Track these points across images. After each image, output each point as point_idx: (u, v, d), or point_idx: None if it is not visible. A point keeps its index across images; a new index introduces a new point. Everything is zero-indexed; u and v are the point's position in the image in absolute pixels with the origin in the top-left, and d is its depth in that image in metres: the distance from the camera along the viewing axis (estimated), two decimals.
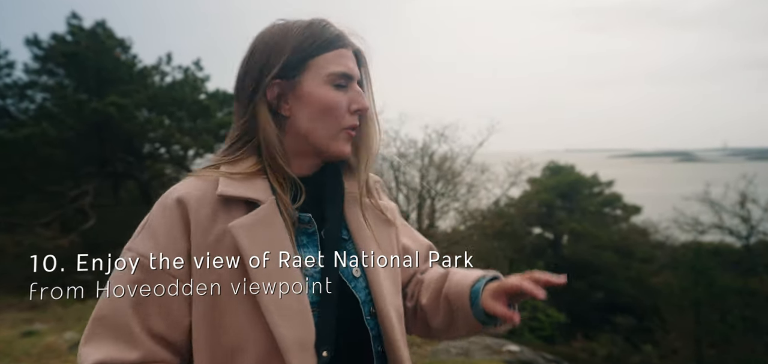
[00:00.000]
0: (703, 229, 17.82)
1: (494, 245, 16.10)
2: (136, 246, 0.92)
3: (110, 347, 0.85)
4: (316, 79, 0.96)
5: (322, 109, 0.96)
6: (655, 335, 15.47)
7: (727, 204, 17.29)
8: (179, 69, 13.66)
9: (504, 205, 19.00)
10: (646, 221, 23.22)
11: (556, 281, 1.00)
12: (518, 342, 9.04)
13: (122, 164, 12.77)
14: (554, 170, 24.91)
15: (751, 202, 16.88)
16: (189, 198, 0.91)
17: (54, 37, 12.27)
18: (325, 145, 0.98)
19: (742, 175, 17.26)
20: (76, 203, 11.89)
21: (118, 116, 11.11)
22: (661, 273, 18.15)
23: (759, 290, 15.50)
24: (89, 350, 0.86)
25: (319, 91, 0.96)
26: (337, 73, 0.96)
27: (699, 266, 14.73)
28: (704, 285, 14.36)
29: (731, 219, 17.30)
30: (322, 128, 0.97)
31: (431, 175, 15.53)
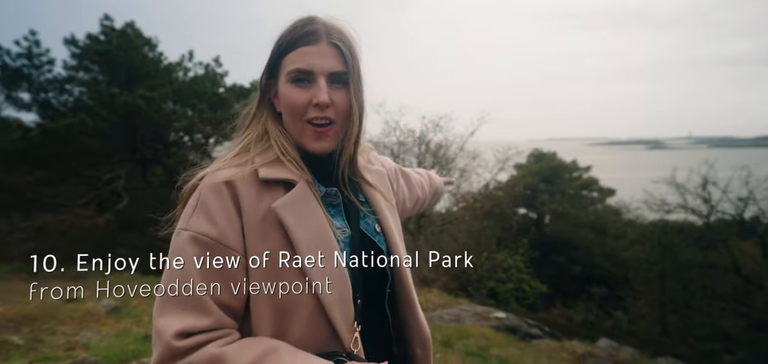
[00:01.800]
0: (669, 209, 17.74)
1: (484, 224, 16.15)
2: (194, 226, 0.89)
3: (186, 317, 0.84)
4: (283, 78, 0.95)
5: (287, 107, 0.95)
6: (625, 302, 15.64)
7: (690, 187, 17.22)
8: (200, 65, 13.65)
9: (493, 188, 18.87)
10: (619, 202, 23.13)
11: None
12: (505, 310, 9.12)
13: (151, 151, 12.83)
14: (538, 157, 24.84)
15: (711, 184, 16.80)
16: (237, 181, 0.90)
17: (89, 37, 12.29)
18: (299, 141, 0.97)
19: (704, 161, 17.17)
20: (111, 186, 11.98)
21: (146, 108, 11.14)
22: (631, 248, 18.16)
23: (717, 262, 15.56)
24: (167, 321, 0.84)
25: (284, 90, 0.95)
26: (294, 70, 0.93)
27: (665, 241, 14.74)
28: (669, 258, 14.39)
29: (694, 200, 17.21)
30: (291, 125, 0.97)
31: (428, 161, 15.52)
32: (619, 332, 11.49)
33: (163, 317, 0.85)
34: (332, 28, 0.95)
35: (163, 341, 0.83)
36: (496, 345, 5.84)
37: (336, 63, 0.94)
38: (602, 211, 23.06)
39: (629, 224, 20.64)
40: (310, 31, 0.93)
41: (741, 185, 16.37)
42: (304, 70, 0.93)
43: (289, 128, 0.97)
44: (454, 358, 5.10)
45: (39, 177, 11.40)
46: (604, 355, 5.75)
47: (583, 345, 6.17)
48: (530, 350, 5.88)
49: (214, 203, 0.89)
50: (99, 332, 4.81)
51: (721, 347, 12.00)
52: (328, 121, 0.94)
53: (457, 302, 8.87)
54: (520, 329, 7.05)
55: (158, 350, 0.83)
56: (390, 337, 1.03)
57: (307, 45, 0.93)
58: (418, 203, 1.43)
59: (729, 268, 15.18)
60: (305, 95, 0.93)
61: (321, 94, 0.92)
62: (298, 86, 0.93)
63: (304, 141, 0.96)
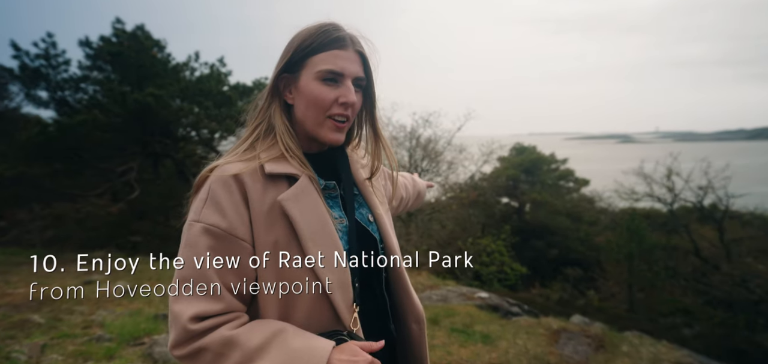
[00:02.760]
0: (637, 197, 17.87)
1: (470, 213, 16.21)
2: (205, 217, 0.88)
3: (200, 303, 0.85)
4: (310, 74, 0.95)
5: (311, 101, 0.95)
6: (597, 282, 15.78)
7: (656, 177, 17.35)
8: (206, 65, 13.55)
9: (478, 179, 18.96)
10: (592, 192, 23.25)
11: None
12: (488, 290, 9.05)
13: (160, 145, 12.74)
14: (519, 150, 24.90)
15: (675, 175, 16.94)
16: (244, 176, 0.91)
17: (102, 39, 12.17)
18: (314, 132, 0.98)
19: (669, 153, 17.28)
20: (124, 178, 11.91)
21: (155, 105, 11.06)
22: (603, 233, 18.26)
23: (679, 245, 15.73)
24: (182, 306, 0.84)
25: (311, 85, 0.95)
26: (325, 70, 0.94)
27: (633, 227, 14.78)
28: (636, 242, 14.44)
29: (659, 189, 17.34)
30: (311, 117, 0.97)
31: (418, 154, 15.53)
32: (590, 309, 11.56)
33: (178, 303, 0.85)
34: (356, 39, 0.98)
35: (179, 324, 0.84)
36: (480, 322, 5.88)
37: (359, 69, 0.98)
38: (577, 200, 23.15)
39: (602, 211, 20.79)
40: (341, 36, 0.96)
41: (701, 176, 16.53)
42: (336, 72, 0.95)
43: (304, 119, 0.98)
44: (442, 334, 5.13)
45: (57, 169, 11.33)
46: (577, 330, 5.79)
47: (558, 321, 6.21)
48: (510, 326, 5.92)
49: (223, 195, 0.89)
50: (113, 311, 4.81)
51: (682, 321, 12.14)
52: (346, 118, 0.98)
53: (444, 283, 8.90)
54: (501, 308, 7.04)
55: (175, 333, 0.84)
56: (387, 315, 1.04)
57: (339, 49, 0.95)
58: (402, 203, 1.45)
59: (689, 250, 15.35)
60: (333, 93, 0.95)
61: (350, 96, 0.95)
62: (327, 84, 0.95)
63: (322, 132, 0.98)
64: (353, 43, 0.97)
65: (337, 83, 0.95)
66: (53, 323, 4.26)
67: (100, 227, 11.45)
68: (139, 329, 3.94)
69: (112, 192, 12.04)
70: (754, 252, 13.99)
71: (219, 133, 13.12)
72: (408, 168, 15.50)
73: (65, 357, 3.36)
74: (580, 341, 5.35)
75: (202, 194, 0.91)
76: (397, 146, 15.60)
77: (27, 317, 4.33)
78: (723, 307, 12.62)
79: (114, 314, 4.66)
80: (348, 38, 0.97)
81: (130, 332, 3.86)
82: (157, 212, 14.10)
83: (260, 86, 13.68)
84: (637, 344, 5.66)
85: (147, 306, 5.11)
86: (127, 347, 3.64)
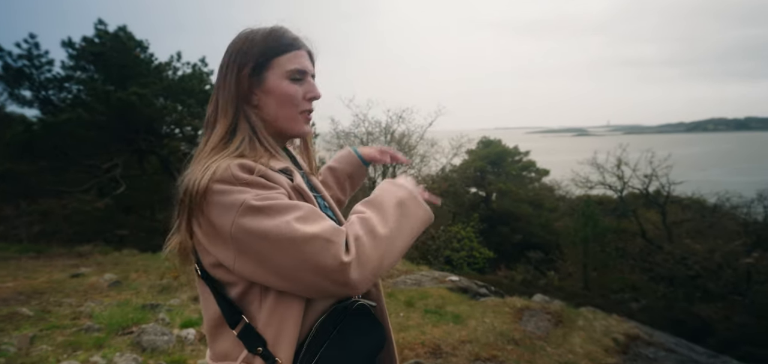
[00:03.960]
0: (591, 185, 18.39)
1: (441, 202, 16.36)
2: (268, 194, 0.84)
3: (325, 222, 0.83)
4: (278, 75, 0.95)
5: (284, 99, 0.95)
6: (556, 264, 16.23)
7: (608, 167, 17.92)
8: (188, 65, 13.21)
9: (448, 171, 19.21)
10: (552, 181, 23.88)
11: (401, 158, 1.32)
12: (458, 274, 9.19)
13: (145, 142, 12.38)
14: (486, 144, 25.20)
15: (624, 164, 17.53)
16: (264, 170, 0.88)
17: (84, 40, 11.70)
18: (288, 128, 0.98)
19: (619, 145, 17.87)
20: (109, 174, 11.54)
21: (139, 103, 10.74)
22: (562, 219, 18.82)
23: (628, 228, 16.31)
24: (317, 229, 0.81)
25: (283, 85, 0.95)
26: (294, 69, 0.95)
27: (587, 212, 15.23)
28: (591, 227, 14.89)
29: (611, 177, 17.91)
30: (285, 114, 0.96)
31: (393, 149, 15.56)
32: (551, 288, 11.84)
33: (310, 226, 0.81)
34: (306, 38, 1.00)
35: (331, 241, 0.80)
36: (451, 303, 5.96)
37: (312, 66, 1.01)
38: (539, 188, 23.67)
39: (560, 199, 21.34)
40: (296, 38, 0.98)
41: (646, 165, 17.13)
42: (302, 70, 0.97)
43: (277, 117, 0.96)
44: (416, 315, 5.18)
45: (43, 167, 10.87)
46: (538, 307, 5.93)
47: (521, 300, 6.35)
48: (479, 306, 6.02)
49: (263, 183, 0.85)
50: (102, 302, 4.66)
51: (630, 296, 12.61)
52: (311, 111, 1.00)
53: (418, 268, 8.96)
54: (470, 289, 7.16)
55: (335, 248, 0.80)
56: None
57: (297, 49, 0.97)
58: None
59: (637, 232, 15.92)
60: (300, 90, 0.97)
61: (316, 90, 0.99)
62: (295, 82, 0.96)
63: (295, 126, 0.99)
64: (305, 44, 0.99)
65: (302, 81, 0.97)
66: (42, 315, 4.10)
67: (86, 221, 11.06)
68: (127, 319, 3.83)
69: (98, 188, 11.66)
70: (692, 233, 14.60)
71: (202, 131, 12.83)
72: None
73: (55, 348, 3.25)
74: (541, 318, 5.50)
75: (239, 189, 0.82)
76: (373, 141, 15.57)
77: (15, 310, 4.15)
78: (665, 282, 13.16)
79: (102, 305, 4.51)
80: (301, 40, 0.99)
81: (118, 322, 3.75)
82: (143, 206, 13.70)
83: None
84: (591, 319, 5.86)
85: (135, 297, 4.98)
86: (116, 337, 3.54)
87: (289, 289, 0.84)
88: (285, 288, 0.84)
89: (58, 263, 7.46)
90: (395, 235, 0.88)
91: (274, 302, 0.85)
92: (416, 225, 0.93)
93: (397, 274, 7.95)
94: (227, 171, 0.83)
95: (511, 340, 4.58)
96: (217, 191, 0.82)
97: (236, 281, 0.87)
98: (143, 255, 8.36)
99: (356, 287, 0.82)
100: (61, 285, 5.55)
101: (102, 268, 6.96)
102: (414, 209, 0.94)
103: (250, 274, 0.83)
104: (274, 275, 0.82)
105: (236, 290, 0.87)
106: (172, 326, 3.79)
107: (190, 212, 0.85)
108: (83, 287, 5.46)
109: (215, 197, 0.82)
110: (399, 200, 0.93)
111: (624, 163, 17.53)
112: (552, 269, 15.89)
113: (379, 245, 0.85)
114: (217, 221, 0.81)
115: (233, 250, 0.82)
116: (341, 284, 0.81)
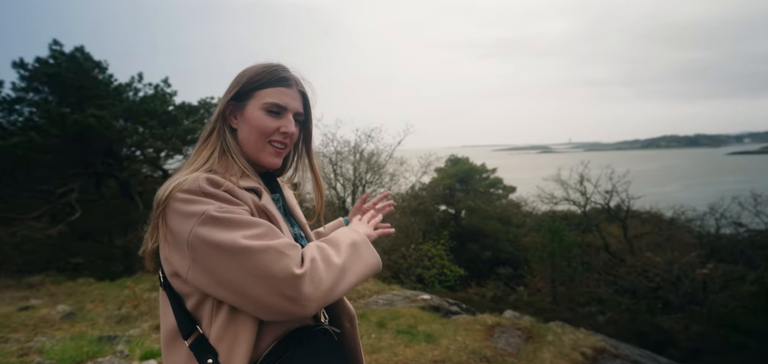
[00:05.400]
0: (556, 201, 18.93)
1: (411, 220, 16.39)
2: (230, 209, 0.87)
3: (282, 239, 0.87)
4: (256, 105, 1.00)
5: (255, 128, 1.00)
6: (526, 279, 16.49)
7: (571, 183, 18.55)
8: (150, 86, 12.87)
9: (418, 189, 19.30)
10: (519, 197, 24.38)
11: (386, 205, 1.33)
12: (430, 292, 9.17)
13: (103, 165, 11.89)
14: (454, 161, 25.51)
15: (586, 181, 18.19)
16: (231, 186, 0.92)
17: (38, 61, 11.23)
18: (256, 156, 1.02)
19: (581, 161, 18.60)
20: (64, 199, 10.97)
21: (97, 126, 10.34)
22: (529, 235, 19.16)
23: (592, 242, 16.84)
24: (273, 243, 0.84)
25: (256, 114, 0.99)
26: (271, 103, 0.99)
27: (553, 228, 15.56)
28: (557, 241, 15.22)
29: (574, 193, 18.55)
30: (253, 142, 1.01)
31: (362, 167, 15.55)
32: (520, 303, 11.99)
33: (269, 247, 0.83)
34: (300, 81, 1.05)
35: (286, 253, 0.84)
36: (423, 322, 5.93)
37: (299, 106, 1.04)
38: (506, 205, 24.03)
39: (527, 214, 21.80)
40: (287, 77, 1.02)
41: (606, 181, 17.84)
42: (281, 105, 1.00)
43: (247, 143, 1.02)
44: (388, 336, 5.13)
45: None
46: (509, 324, 5.98)
47: (492, 317, 6.39)
48: (451, 324, 6.02)
49: (228, 198, 0.89)
50: (53, 336, 4.36)
51: (596, 309, 12.95)
52: (284, 145, 1.03)
53: (390, 288, 8.90)
54: (442, 308, 7.15)
55: (287, 259, 0.83)
56: (325, 316, 1.08)
57: (285, 87, 1.01)
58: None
59: (600, 246, 16.46)
60: (275, 123, 1.01)
61: (291, 126, 1.02)
62: (270, 115, 1.00)
63: (262, 156, 1.02)
64: (297, 84, 1.04)
65: (280, 115, 1.01)
66: None
67: (38, 250, 10.43)
68: (82, 353, 3.60)
69: (52, 214, 11.04)
70: (652, 246, 15.23)
71: (165, 152, 12.44)
72: (353, 181, 15.48)
73: None
74: (512, 334, 5.56)
75: (205, 201, 0.86)
76: (342, 160, 15.54)
77: None
78: (628, 295, 13.62)
79: (54, 339, 4.23)
80: (293, 79, 1.03)
81: (71, 357, 3.51)
82: (100, 232, 13.07)
83: (206, 105, 13.13)
84: (560, 333, 5.97)
85: (91, 328, 4.70)
86: None
87: (238, 304, 0.84)
88: (235, 303, 0.84)
89: (5, 295, 6.97)
90: (347, 268, 0.91)
91: (228, 317, 0.86)
92: (366, 267, 0.97)
93: (368, 294, 7.87)
94: (195, 182, 0.87)
95: (483, 358, 4.60)
96: (181, 199, 0.86)
97: (191, 292, 0.88)
98: (100, 284, 7.94)
99: (307, 304, 0.82)
100: (7, 319, 5.18)
101: (54, 299, 6.57)
102: (365, 252, 0.98)
103: (201, 284, 0.84)
104: (224, 287, 0.83)
105: (191, 302, 0.88)
106: (131, 359, 3.59)
107: (157, 219, 0.88)
108: (33, 320, 5.13)
109: (178, 205, 0.85)
110: (352, 241, 0.98)
111: (586, 179, 18.18)
112: (521, 284, 16.10)
113: (332, 271, 0.88)
114: (177, 228, 0.84)
115: (189, 259, 0.83)
116: (291, 299, 0.81)
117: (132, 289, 6.22)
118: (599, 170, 18.11)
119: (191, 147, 6.01)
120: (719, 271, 12.56)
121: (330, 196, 14.96)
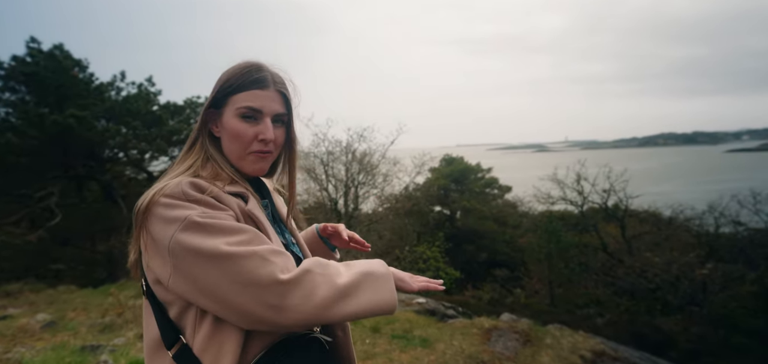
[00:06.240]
0: (553, 201, 18.94)
1: (405, 222, 16.38)
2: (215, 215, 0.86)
3: (269, 245, 0.86)
4: (231, 112, 0.97)
5: (233, 136, 0.97)
6: (523, 281, 16.51)
7: (568, 182, 18.57)
8: (133, 85, 12.75)
9: (412, 189, 19.19)
10: (515, 197, 24.39)
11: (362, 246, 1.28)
12: (425, 296, 9.09)
13: (84, 168, 11.75)
14: (449, 161, 25.49)
15: (583, 180, 18.25)
16: (216, 191, 0.92)
17: (14, 59, 11.07)
18: (237, 164, 1.00)
19: (578, 160, 18.65)
20: (43, 203, 10.82)
21: (77, 127, 10.21)
22: (526, 235, 19.16)
23: (590, 243, 16.90)
24: (258, 248, 0.83)
25: (231, 122, 0.97)
26: (244, 108, 0.95)
27: (550, 228, 15.65)
28: (554, 242, 15.31)
29: (571, 192, 18.55)
30: (234, 151, 0.98)
31: (354, 168, 15.46)
32: (518, 306, 12.04)
33: (253, 253, 0.82)
34: (277, 77, 1.00)
35: (271, 260, 0.83)
36: (418, 327, 5.95)
37: (279, 107, 0.99)
38: (502, 205, 24.07)
39: (524, 215, 21.80)
40: (261, 77, 0.97)
41: (604, 180, 17.94)
42: (255, 109, 0.96)
43: (229, 152, 1.00)
44: (383, 341, 5.13)
45: None
46: (506, 327, 6.00)
47: (489, 320, 6.41)
48: (447, 328, 6.04)
49: (214, 205, 0.88)
50: (33, 347, 4.30)
51: (595, 311, 13.05)
52: (268, 151, 0.99)
53: None
54: (438, 311, 7.17)
55: (272, 266, 0.82)
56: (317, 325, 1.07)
57: (259, 88, 0.96)
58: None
59: (598, 247, 16.54)
60: (252, 130, 0.97)
61: (268, 132, 0.97)
62: (245, 121, 0.96)
63: (244, 165, 0.99)
64: (275, 83, 0.99)
65: (257, 120, 0.97)
66: None
67: (15, 257, 10.28)
68: None
69: (31, 219, 10.90)
70: (650, 246, 15.35)
71: (149, 154, 12.32)
72: (345, 181, 15.43)
73: None
74: (509, 337, 5.58)
75: (187, 210, 0.84)
76: (334, 161, 15.48)
77: None
78: (627, 296, 13.71)
79: (34, 350, 4.17)
80: (269, 78, 0.98)
81: None
82: (82, 237, 12.91)
83: (192, 105, 13.04)
84: (559, 336, 6.00)
85: (73, 338, 4.64)
86: None
87: (221, 313, 0.83)
88: (217, 311, 0.83)
89: None
90: (350, 293, 0.85)
91: (212, 326, 0.85)
92: (375, 302, 0.88)
93: None
94: (178, 187, 0.86)
95: (480, 362, 4.61)
96: (163, 204, 0.84)
97: (174, 300, 0.86)
98: (82, 291, 7.84)
99: (290, 315, 0.80)
100: None
101: (34, 308, 6.47)
102: (381, 287, 0.89)
103: (183, 292, 0.83)
104: (205, 295, 0.81)
105: (174, 310, 0.87)
106: None
107: (139, 225, 0.87)
108: (11, 330, 5.06)
109: (160, 210, 0.84)
110: (370, 270, 0.90)
111: (583, 178, 18.25)
112: (518, 286, 16.13)
113: (329, 289, 0.83)
114: (158, 234, 0.83)
115: (170, 265, 0.82)
116: (274, 308, 0.80)
117: (116, 296, 6.16)
118: (596, 169, 18.17)
119: (177, 148, 6.03)
120: (719, 271, 12.69)
121: (321, 197, 14.92)
